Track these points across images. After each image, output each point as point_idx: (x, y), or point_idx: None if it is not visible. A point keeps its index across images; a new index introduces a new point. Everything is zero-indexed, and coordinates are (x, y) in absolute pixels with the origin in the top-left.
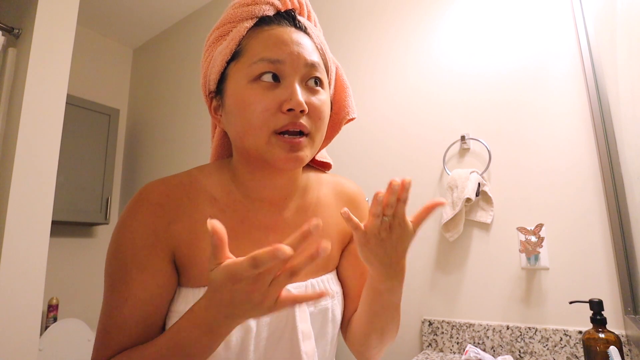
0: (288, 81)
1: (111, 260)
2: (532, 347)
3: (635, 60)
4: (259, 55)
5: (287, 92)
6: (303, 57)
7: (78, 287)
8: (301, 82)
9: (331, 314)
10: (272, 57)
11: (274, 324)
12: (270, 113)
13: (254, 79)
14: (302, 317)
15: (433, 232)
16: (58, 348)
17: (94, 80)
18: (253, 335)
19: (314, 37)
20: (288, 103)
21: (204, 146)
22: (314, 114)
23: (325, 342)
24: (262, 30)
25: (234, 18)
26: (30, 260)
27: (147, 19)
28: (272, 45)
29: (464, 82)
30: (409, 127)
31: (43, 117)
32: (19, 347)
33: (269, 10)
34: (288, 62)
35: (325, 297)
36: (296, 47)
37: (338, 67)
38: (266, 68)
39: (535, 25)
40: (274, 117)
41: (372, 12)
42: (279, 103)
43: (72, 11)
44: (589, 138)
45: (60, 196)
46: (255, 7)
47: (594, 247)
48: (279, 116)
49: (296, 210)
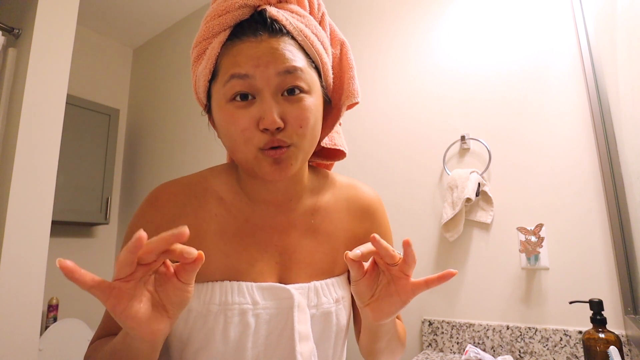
0: (261, 96)
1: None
2: (532, 347)
3: (635, 60)
4: (229, 73)
5: (261, 109)
6: (274, 66)
7: (78, 287)
8: (277, 93)
9: (335, 319)
10: (241, 73)
11: (273, 323)
12: (250, 132)
13: (229, 99)
14: (300, 319)
15: (433, 232)
16: (58, 348)
17: (94, 80)
18: (251, 332)
19: (295, 32)
20: (262, 122)
21: (204, 146)
22: (294, 124)
23: (327, 345)
24: (233, 44)
25: (208, 34)
26: (30, 260)
27: (147, 19)
28: (241, 60)
29: (464, 82)
30: (409, 127)
31: (43, 117)
32: (19, 347)
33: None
34: (258, 76)
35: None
36: (265, 57)
37: (344, 44)
38: (237, 87)
39: (535, 25)
40: (254, 136)
41: (372, 11)
42: (256, 121)
43: (72, 11)
44: (589, 138)
45: (60, 196)
46: (227, 16)
47: (594, 247)
48: (259, 135)
49: (304, 212)
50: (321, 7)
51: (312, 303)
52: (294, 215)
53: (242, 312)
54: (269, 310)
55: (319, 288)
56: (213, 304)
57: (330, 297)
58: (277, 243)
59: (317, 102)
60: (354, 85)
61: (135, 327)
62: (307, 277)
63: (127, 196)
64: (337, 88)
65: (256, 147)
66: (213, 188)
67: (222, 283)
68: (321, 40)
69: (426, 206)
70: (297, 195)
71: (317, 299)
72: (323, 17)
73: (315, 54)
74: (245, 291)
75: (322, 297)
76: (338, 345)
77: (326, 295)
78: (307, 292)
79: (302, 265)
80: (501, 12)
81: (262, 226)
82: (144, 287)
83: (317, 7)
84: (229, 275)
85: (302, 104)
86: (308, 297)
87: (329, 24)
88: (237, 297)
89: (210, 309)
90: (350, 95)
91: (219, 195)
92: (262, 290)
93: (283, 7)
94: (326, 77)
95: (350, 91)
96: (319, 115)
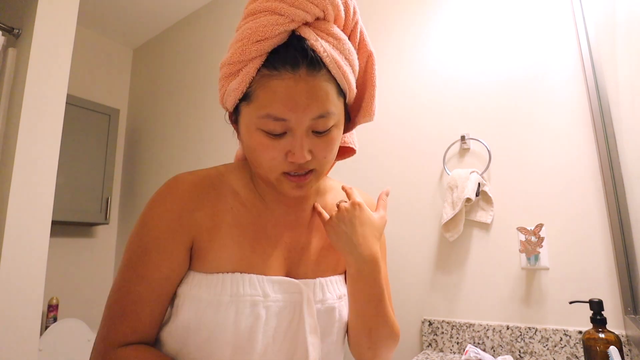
0: (294, 133)
1: (134, 239)
2: (532, 347)
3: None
4: (266, 110)
5: (291, 144)
6: (310, 112)
7: (78, 287)
8: (308, 131)
9: (338, 314)
10: (278, 116)
11: (282, 316)
12: (277, 161)
13: (261, 129)
14: (309, 312)
15: (433, 232)
16: (58, 348)
17: (94, 80)
18: (262, 324)
19: (331, 65)
20: (292, 157)
21: (204, 146)
22: (319, 155)
23: (330, 340)
24: (271, 76)
25: (244, 57)
26: (30, 260)
27: (147, 19)
28: (279, 101)
29: (464, 82)
30: (409, 127)
31: (43, 117)
32: (19, 347)
33: (281, 40)
34: (294, 118)
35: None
36: (304, 101)
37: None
38: (271, 126)
39: (535, 26)
40: (280, 164)
41: (373, 8)
42: (285, 153)
43: (72, 11)
44: (589, 138)
45: (60, 196)
46: (264, 42)
47: (594, 247)
48: (286, 163)
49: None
50: (356, 15)
51: (318, 298)
52: (303, 215)
53: (254, 303)
54: (279, 303)
55: (324, 284)
56: (225, 295)
57: (334, 294)
58: (286, 239)
59: (341, 129)
60: (373, 106)
61: None
62: (313, 274)
63: (127, 196)
64: (357, 103)
65: (280, 171)
66: (229, 182)
67: (234, 275)
68: (352, 64)
69: (426, 206)
70: (306, 198)
71: (322, 294)
72: (356, 25)
73: (346, 84)
74: (256, 283)
75: (326, 293)
76: (339, 341)
77: (330, 291)
78: (314, 288)
79: (309, 262)
80: (502, 13)
81: (274, 223)
82: None
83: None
84: (240, 266)
85: (329, 137)
86: (314, 292)
87: (360, 33)
88: (249, 289)
89: (221, 300)
90: (367, 115)
91: (234, 190)
92: (272, 284)
93: (321, 29)
94: (350, 99)
95: (368, 111)
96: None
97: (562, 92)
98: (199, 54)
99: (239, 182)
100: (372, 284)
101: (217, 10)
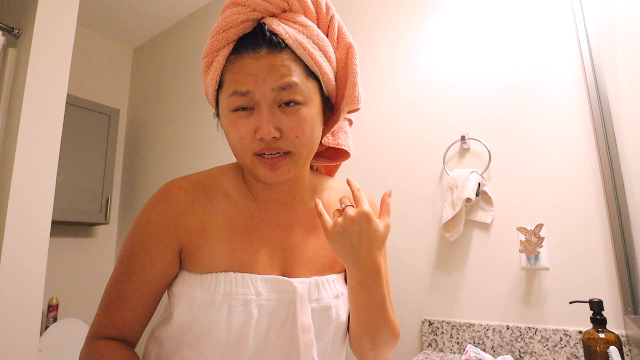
0: (259, 109)
1: (126, 240)
2: (532, 347)
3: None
4: (231, 89)
5: (258, 121)
6: (270, 83)
7: (78, 287)
8: (274, 105)
9: (335, 314)
10: (242, 90)
11: (275, 315)
12: (247, 140)
13: (231, 110)
14: (302, 311)
15: (433, 232)
16: (58, 348)
17: (94, 80)
18: (254, 322)
19: (295, 46)
20: (258, 132)
21: (204, 146)
22: (290, 134)
23: (326, 340)
24: (235, 59)
25: (214, 47)
26: (30, 260)
27: (147, 19)
28: (241, 77)
29: (464, 82)
30: (409, 127)
31: (43, 117)
32: (19, 347)
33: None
34: (256, 90)
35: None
36: (263, 74)
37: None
38: (238, 102)
39: (536, 26)
40: (251, 142)
41: (374, 5)
42: (253, 130)
43: (72, 11)
44: (589, 138)
45: (60, 196)
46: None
47: (594, 247)
48: (256, 142)
49: (306, 210)
50: (330, 11)
51: (313, 297)
52: (297, 214)
53: (246, 302)
54: (272, 302)
55: (319, 283)
56: (217, 294)
57: (330, 292)
58: (280, 239)
59: (313, 111)
60: (355, 92)
61: None
62: (308, 272)
63: (127, 196)
64: (340, 93)
65: (251, 152)
66: (221, 184)
67: (227, 274)
68: (323, 49)
69: (426, 206)
70: (299, 195)
71: (317, 293)
72: (332, 20)
73: (315, 65)
74: (249, 282)
75: (322, 292)
76: (337, 341)
77: (326, 290)
78: (309, 286)
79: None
80: (505, 14)
81: (267, 222)
82: None
83: (325, 10)
84: (233, 266)
85: (297, 115)
86: (309, 291)
87: (338, 27)
88: (242, 287)
89: (214, 298)
90: (351, 102)
91: (226, 192)
92: (265, 283)
93: (287, 18)
94: (327, 85)
95: (351, 97)
96: (317, 123)
97: (562, 92)
98: (199, 54)
99: (232, 183)
100: (374, 294)
101: (217, 10)
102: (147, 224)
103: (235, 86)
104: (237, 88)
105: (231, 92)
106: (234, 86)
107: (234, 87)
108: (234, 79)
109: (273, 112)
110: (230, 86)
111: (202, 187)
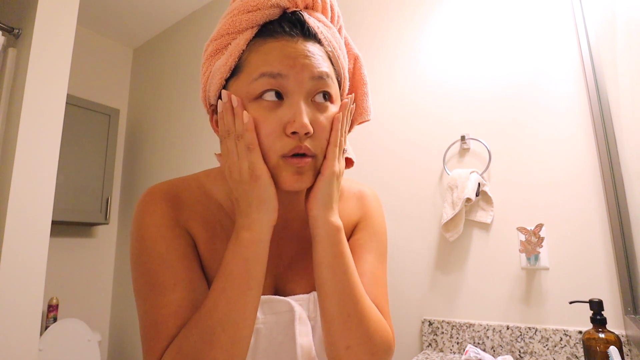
0: (292, 99)
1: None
2: (532, 347)
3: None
4: (260, 70)
5: (290, 112)
6: (309, 69)
7: (78, 287)
8: (307, 98)
9: None
10: (274, 71)
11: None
12: (275, 136)
13: (255, 98)
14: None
15: (433, 232)
16: (58, 348)
17: (94, 80)
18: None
19: (325, 42)
20: (292, 125)
21: (204, 146)
22: (320, 135)
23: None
24: (265, 42)
25: (233, 28)
26: (30, 260)
27: (147, 19)
28: (274, 58)
29: (464, 82)
30: (409, 127)
31: (43, 117)
32: (19, 347)
33: (274, 14)
34: (292, 76)
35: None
36: (302, 59)
37: (358, 59)
38: (267, 85)
39: (535, 26)
40: (279, 140)
41: (374, 6)
42: (283, 125)
43: (72, 11)
44: (589, 138)
45: (60, 196)
46: (257, 13)
47: (594, 247)
48: (285, 140)
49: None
50: (340, 20)
51: (312, 315)
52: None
53: None
54: (269, 325)
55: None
56: None
57: None
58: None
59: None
60: (367, 103)
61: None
62: (305, 288)
63: (127, 196)
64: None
65: (278, 154)
66: (212, 194)
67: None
68: (343, 54)
69: (426, 206)
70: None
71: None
72: (340, 30)
73: (340, 66)
74: None
75: None
76: None
77: None
78: (307, 304)
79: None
80: (502, 14)
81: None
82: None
83: (337, 18)
84: None
85: (328, 113)
86: (308, 309)
87: (345, 37)
88: None
89: None
90: (363, 113)
91: (218, 202)
92: (261, 305)
93: (311, 14)
94: (343, 91)
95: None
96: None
97: (562, 92)
98: (199, 54)
99: (222, 193)
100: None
101: (217, 10)
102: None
103: (264, 67)
104: (267, 69)
105: (259, 74)
106: (262, 67)
107: (262, 68)
108: (263, 60)
109: (307, 104)
110: (257, 68)
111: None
